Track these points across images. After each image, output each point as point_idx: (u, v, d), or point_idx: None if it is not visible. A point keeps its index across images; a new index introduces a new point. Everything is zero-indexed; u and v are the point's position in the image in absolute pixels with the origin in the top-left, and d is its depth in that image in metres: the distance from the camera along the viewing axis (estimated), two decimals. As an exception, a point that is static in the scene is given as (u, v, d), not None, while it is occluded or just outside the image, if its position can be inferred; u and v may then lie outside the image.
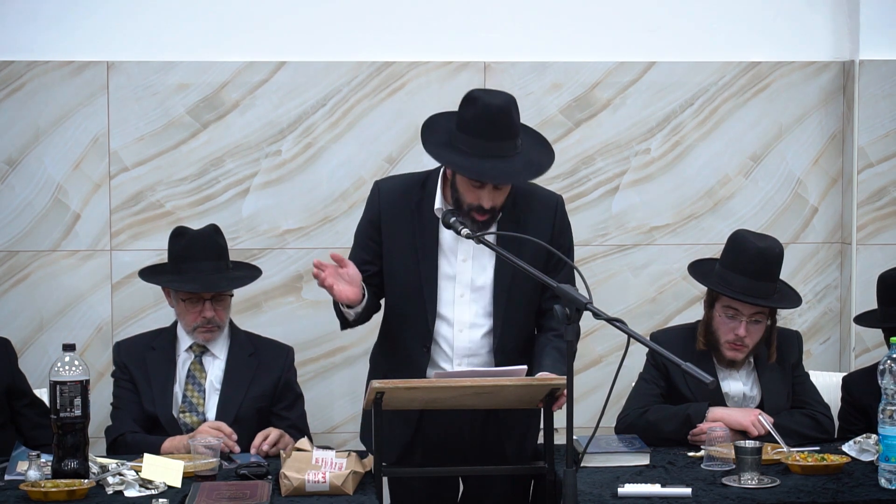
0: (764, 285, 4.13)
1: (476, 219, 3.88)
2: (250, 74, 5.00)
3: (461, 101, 3.91)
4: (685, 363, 3.24)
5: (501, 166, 3.82)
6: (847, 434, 4.18)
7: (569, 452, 3.23)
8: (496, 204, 3.89)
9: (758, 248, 4.14)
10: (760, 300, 4.13)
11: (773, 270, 4.17)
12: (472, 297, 4.01)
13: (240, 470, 3.75)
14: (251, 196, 5.04)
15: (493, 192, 3.87)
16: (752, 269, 4.12)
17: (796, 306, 4.30)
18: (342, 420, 5.09)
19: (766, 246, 4.17)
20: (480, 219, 3.88)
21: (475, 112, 3.84)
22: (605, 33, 5.10)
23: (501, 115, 3.83)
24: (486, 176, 3.82)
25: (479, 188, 3.86)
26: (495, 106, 3.83)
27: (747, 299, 4.12)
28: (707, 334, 4.25)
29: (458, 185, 3.90)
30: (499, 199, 3.90)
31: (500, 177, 3.83)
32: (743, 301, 4.13)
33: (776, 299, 4.18)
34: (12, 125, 4.94)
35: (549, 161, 3.97)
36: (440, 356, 4.03)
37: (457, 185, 3.90)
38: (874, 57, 5.06)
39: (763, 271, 4.13)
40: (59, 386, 3.57)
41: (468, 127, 3.84)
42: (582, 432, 3.53)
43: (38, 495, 3.48)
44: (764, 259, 4.14)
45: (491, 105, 3.83)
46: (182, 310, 4.29)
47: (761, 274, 4.13)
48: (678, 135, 5.14)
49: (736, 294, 4.13)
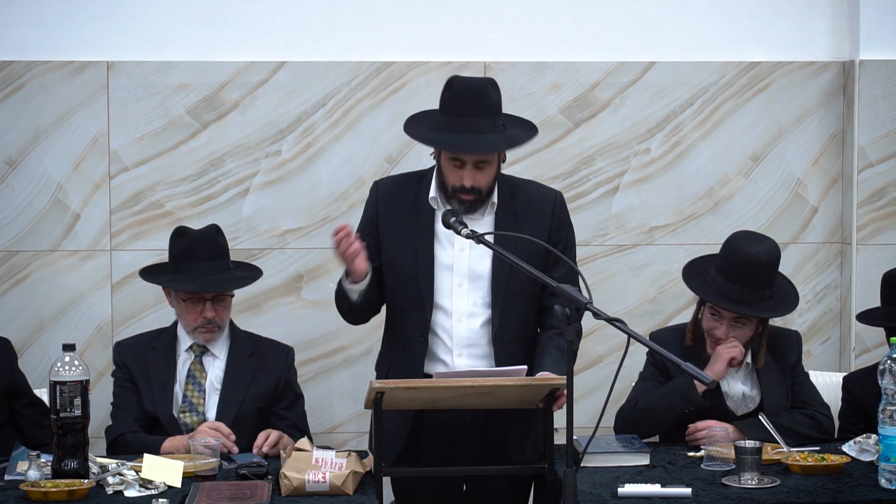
0: (748, 292, 4.10)
1: (462, 199, 3.94)
2: (250, 74, 5.00)
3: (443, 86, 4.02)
4: (685, 363, 3.25)
5: (476, 139, 3.91)
6: (847, 434, 4.17)
7: (569, 452, 3.23)
8: (479, 184, 3.95)
9: (745, 255, 4.11)
10: (739, 307, 4.10)
11: (761, 277, 4.12)
12: (471, 286, 4.02)
13: (240, 470, 3.75)
14: (251, 196, 5.04)
15: (475, 172, 3.94)
16: (736, 274, 4.10)
17: (777, 316, 4.26)
18: (342, 420, 5.09)
19: (754, 252, 4.12)
20: (467, 199, 3.95)
21: (452, 92, 3.98)
22: (605, 33, 5.10)
23: (476, 91, 3.96)
24: (458, 147, 3.91)
25: (460, 168, 3.94)
26: (471, 84, 3.99)
27: (723, 305, 4.11)
28: (695, 330, 4.26)
29: (443, 168, 3.98)
30: (481, 179, 3.95)
31: (474, 147, 3.91)
32: (721, 307, 4.13)
33: (761, 307, 4.13)
34: (12, 125, 4.94)
35: (528, 136, 4.06)
36: (439, 347, 4.03)
37: (441, 167, 3.98)
38: (874, 57, 5.06)
39: (749, 277, 4.10)
40: (59, 386, 3.57)
41: (447, 107, 3.97)
42: (582, 432, 3.53)
43: (38, 495, 3.48)
44: (750, 265, 4.10)
45: (467, 84, 3.99)
46: (182, 310, 4.29)
47: (746, 280, 4.10)
48: (678, 135, 5.14)
49: (713, 299, 4.12)
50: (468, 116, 3.91)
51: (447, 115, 3.96)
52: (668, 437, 4.21)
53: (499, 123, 3.96)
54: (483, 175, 3.95)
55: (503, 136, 3.97)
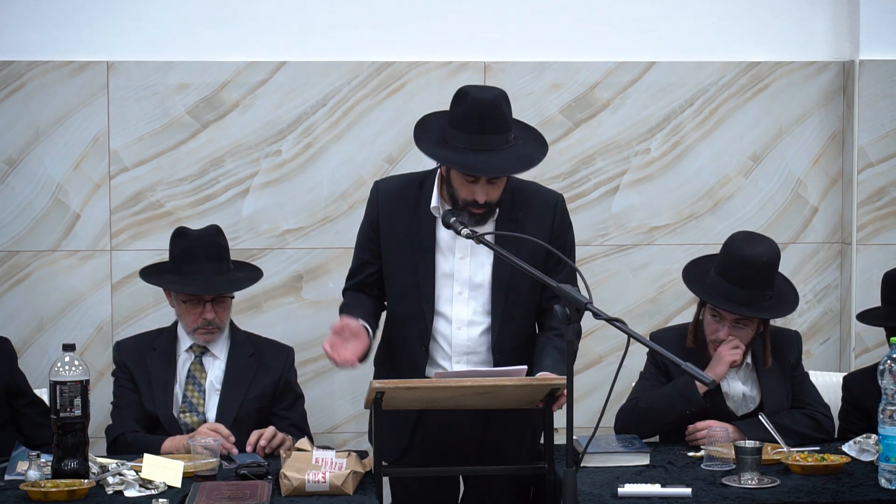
0: (748, 293, 4.10)
1: (473, 213, 3.89)
2: (250, 74, 5.00)
3: (453, 97, 3.93)
4: (685, 363, 3.25)
5: (492, 160, 3.84)
6: (847, 434, 4.17)
7: (569, 452, 3.23)
8: (491, 198, 3.90)
9: (745, 256, 4.10)
10: (740, 308, 4.10)
11: (760, 278, 4.12)
12: (471, 294, 4.01)
13: (240, 470, 3.75)
14: (251, 196, 5.04)
15: (488, 187, 3.88)
16: (736, 275, 4.10)
17: (778, 316, 4.26)
18: (342, 420, 5.09)
19: (754, 253, 4.11)
20: (477, 212, 3.90)
21: (466, 107, 3.86)
22: (605, 33, 5.10)
23: (491, 109, 3.86)
24: (476, 170, 3.84)
25: (472, 183, 3.87)
26: (485, 101, 3.86)
27: (724, 306, 4.10)
28: (696, 332, 4.25)
29: (453, 181, 3.91)
30: (493, 193, 3.91)
31: (491, 170, 3.85)
32: (721, 309, 4.13)
33: (762, 307, 4.13)
34: (12, 125, 4.94)
35: (542, 154, 3.98)
36: (439, 354, 4.03)
37: (451, 181, 3.92)
38: (874, 57, 5.06)
39: (748, 279, 4.10)
40: (59, 386, 3.57)
41: (459, 123, 3.87)
42: (582, 432, 3.53)
43: (38, 495, 3.48)
44: (749, 266, 4.10)
45: (481, 100, 3.86)
46: (182, 311, 4.29)
47: (746, 281, 4.09)
48: (678, 135, 5.14)
49: (713, 301, 4.12)
50: (483, 134, 3.84)
51: (459, 130, 3.87)
52: (668, 437, 4.21)
53: (511, 139, 3.90)
54: (495, 189, 3.91)
55: (518, 153, 3.90)
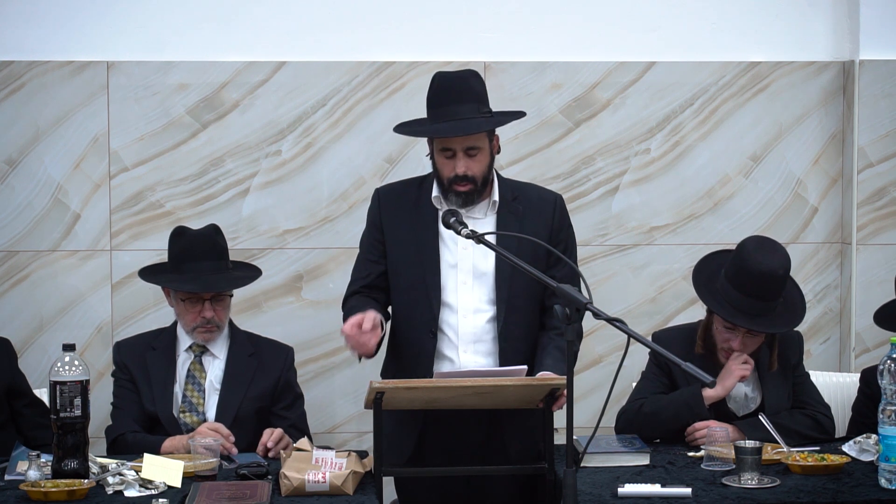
0: (760, 304, 4.08)
1: (458, 191, 3.99)
2: (250, 74, 5.00)
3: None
4: (685, 363, 3.24)
5: (459, 123, 3.98)
6: (858, 425, 4.19)
7: (569, 452, 3.23)
8: (471, 171, 4.00)
9: (760, 269, 4.05)
10: (755, 322, 4.08)
11: (773, 289, 4.09)
12: (475, 283, 4.05)
13: (240, 470, 3.75)
14: (251, 196, 5.04)
15: (466, 159, 3.99)
16: (750, 287, 4.06)
17: (793, 327, 4.23)
18: (342, 420, 5.09)
19: (768, 267, 4.06)
20: (462, 189, 4.00)
21: (435, 85, 4.06)
22: (605, 33, 5.10)
23: (458, 80, 4.04)
24: (442, 132, 3.98)
25: (451, 157, 4.00)
26: (453, 75, 4.07)
27: (737, 321, 4.07)
28: (706, 338, 4.24)
29: (436, 163, 4.04)
30: (473, 166, 4.00)
31: (456, 130, 3.97)
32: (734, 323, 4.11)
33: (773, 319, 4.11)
34: (12, 125, 4.94)
35: (514, 115, 4.16)
36: (445, 343, 4.05)
37: (436, 164, 4.04)
38: (874, 57, 5.06)
39: (762, 290, 4.07)
40: (59, 386, 3.57)
41: (431, 101, 4.05)
42: (582, 432, 3.53)
43: (38, 495, 3.48)
44: (763, 279, 4.06)
45: (448, 75, 4.08)
46: (181, 310, 4.29)
47: (758, 293, 4.07)
48: (678, 135, 5.14)
49: (729, 317, 4.08)
50: (452, 105, 3.98)
51: (433, 108, 4.03)
52: (668, 438, 4.21)
53: (484, 110, 4.02)
54: (475, 163, 4.00)
55: (489, 119, 4.03)
